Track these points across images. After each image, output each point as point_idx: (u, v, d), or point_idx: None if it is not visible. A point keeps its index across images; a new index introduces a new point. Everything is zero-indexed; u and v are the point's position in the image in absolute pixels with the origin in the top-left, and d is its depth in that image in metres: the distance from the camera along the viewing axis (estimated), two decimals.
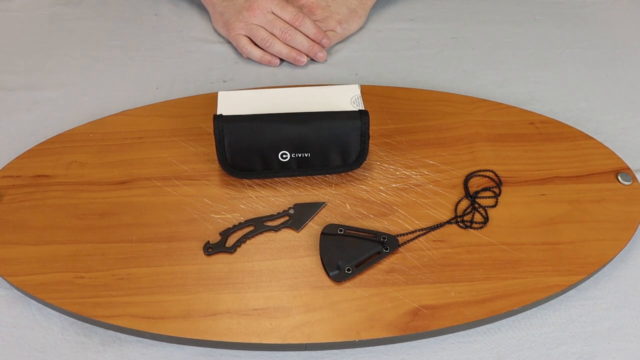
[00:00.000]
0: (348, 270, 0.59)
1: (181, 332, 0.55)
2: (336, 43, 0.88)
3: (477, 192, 0.66)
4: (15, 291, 0.60)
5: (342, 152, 0.65)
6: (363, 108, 0.67)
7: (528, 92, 0.82)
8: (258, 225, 0.63)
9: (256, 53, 0.84)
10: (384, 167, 0.69)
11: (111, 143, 0.70)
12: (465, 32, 0.91)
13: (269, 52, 0.84)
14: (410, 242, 0.62)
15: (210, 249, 0.61)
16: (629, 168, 0.69)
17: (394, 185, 0.67)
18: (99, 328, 0.57)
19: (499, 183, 0.67)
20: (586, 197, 0.66)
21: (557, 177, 0.68)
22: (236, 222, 0.63)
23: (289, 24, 0.83)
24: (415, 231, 0.63)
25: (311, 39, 0.84)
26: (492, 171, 0.68)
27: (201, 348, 0.56)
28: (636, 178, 0.68)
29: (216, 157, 0.66)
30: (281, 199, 0.66)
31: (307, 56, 0.84)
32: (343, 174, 0.68)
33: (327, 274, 0.59)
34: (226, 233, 0.62)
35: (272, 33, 0.83)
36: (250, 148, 0.64)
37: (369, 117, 0.64)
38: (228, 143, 0.64)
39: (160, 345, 0.57)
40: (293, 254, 0.61)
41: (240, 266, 0.60)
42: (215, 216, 0.64)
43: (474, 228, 0.63)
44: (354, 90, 0.69)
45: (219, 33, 0.89)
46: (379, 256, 0.60)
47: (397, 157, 0.70)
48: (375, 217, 0.64)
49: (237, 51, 0.86)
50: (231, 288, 0.58)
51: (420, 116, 0.74)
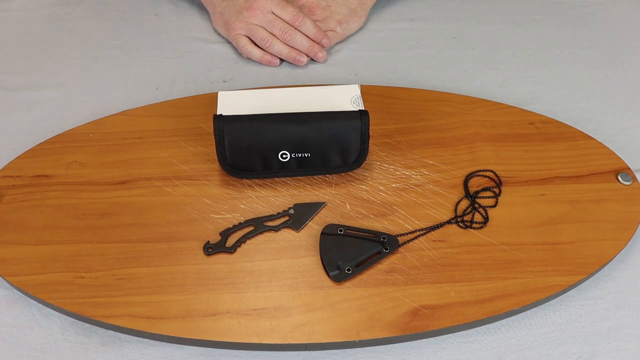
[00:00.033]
0: (348, 270, 0.59)
1: (181, 332, 0.55)
2: (336, 43, 0.88)
3: (477, 192, 0.66)
4: (15, 291, 0.60)
5: (342, 152, 0.65)
6: (363, 108, 0.67)
7: (528, 92, 0.82)
8: (258, 225, 0.63)
9: (256, 53, 0.84)
10: (384, 167, 0.69)
11: (111, 143, 0.70)
12: (465, 32, 0.91)
13: (269, 52, 0.84)
14: (410, 242, 0.62)
15: (210, 249, 0.61)
16: (629, 168, 0.69)
17: (394, 185, 0.67)
18: (99, 328, 0.57)
19: (499, 183, 0.67)
20: (586, 197, 0.66)
21: (557, 177, 0.68)
22: (236, 222, 0.63)
23: (289, 24, 0.83)
24: (415, 231, 0.63)
25: (311, 39, 0.84)
26: (492, 171, 0.68)
27: (201, 348, 0.56)
28: (636, 178, 0.68)
29: (216, 157, 0.66)
30: (281, 199, 0.66)
31: (307, 56, 0.84)
32: (343, 174, 0.68)
33: (327, 274, 0.59)
34: (226, 233, 0.62)
35: (272, 33, 0.83)
36: (250, 148, 0.64)
37: (369, 117, 0.64)
38: (228, 143, 0.64)
39: (160, 345, 0.57)
40: (293, 254, 0.61)
41: (240, 266, 0.60)
42: (215, 216, 0.64)
43: (474, 228, 0.63)
44: (354, 90, 0.69)
45: (219, 33, 0.89)
46: (379, 256, 0.60)
47: (397, 157, 0.70)
48: (375, 217, 0.64)
49: (237, 51, 0.86)
50: (231, 288, 0.58)
51: (420, 116, 0.74)
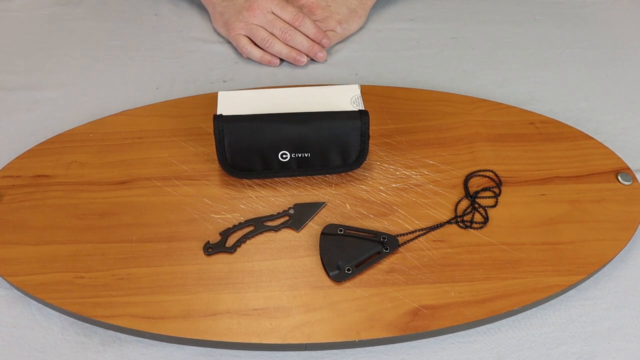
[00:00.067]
0: (348, 270, 0.59)
1: (181, 332, 0.55)
2: (336, 43, 0.88)
3: (477, 192, 0.66)
4: (15, 291, 0.60)
5: (342, 152, 0.65)
6: (363, 108, 0.67)
7: (528, 92, 0.82)
8: (258, 225, 0.63)
9: (256, 53, 0.84)
10: (384, 167, 0.69)
11: (111, 143, 0.70)
12: (465, 32, 0.91)
13: (269, 52, 0.84)
14: (410, 242, 0.62)
15: (210, 249, 0.61)
16: (629, 168, 0.69)
17: (394, 185, 0.67)
18: (99, 328, 0.57)
19: (499, 183, 0.67)
20: (586, 197, 0.66)
21: (557, 177, 0.68)
22: (236, 222, 0.63)
23: (289, 24, 0.83)
24: (415, 231, 0.63)
25: (311, 39, 0.84)
26: (492, 171, 0.68)
27: (201, 348, 0.56)
28: (636, 178, 0.68)
29: (216, 157, 0.66)
30: (281, 199, 0.66)
31: (307, 56, 0.84)
32: (343, 174, 0.68)
33: (327, 274, 0.59)
34: (226, 233, 0.62)
35: (272, 33, 0.83)
36: (250, 148, 0.64)
37: (369, 117, 0.64)
38: (228, 143, 0.64)
39: (160, 345, 0.57)
40: (293, 254, 0.61)
41: (240, 266, 0.60)
42: (215, 216, 0.64)
43: (474, 228, 0.63)
44: (354, 90, 0.69)
45: (219, 33, 0.89)
46: (379, 256, 0.60)
47: (397, 157, 0.70)
48: (375, 217, 0.64)
49: (237, 51, 0.86)
50: (231, 288, 0.58)
51: (420, 116, 0.74)
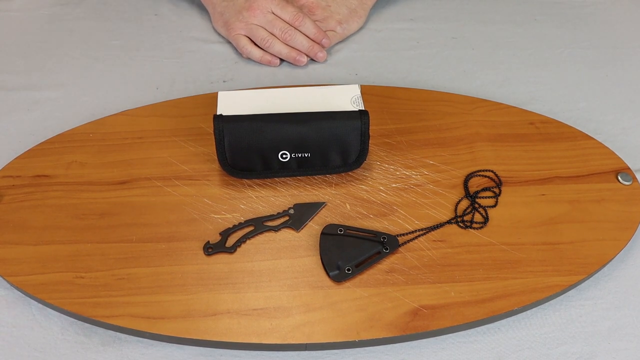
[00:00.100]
0: (348, 270, 0.59)
1: (181, 332, 0.55)
2: (336, 43, 0.88)
3: (477, 192, 0.66)
4: (15, 291, 0.60)
5: (342, 152, 0.65)
6: (363, 108, 0.67)
7: (528, 92, 0.82)
8: (258, 225, 0.63)
9: (256, 53, 0.84)
10: (384, 167, 0.69)
11: (111, 143, 0.70)
12: (465, 32, 0.91)
13: (269, 52, 0.84)
14: (410, 242, 0.62)
15: (210, 249, 0.61)
16: (629, 168, 0.69)
17: (394, 185, 0.67)
18: (99, 328, 0.57)
19: (499, 183, 0.67)
20: (586, 197, 0.66)
21: (557, 177, 0.68)
22: (236, 222, 0.63)
23: (289, 24, 0.83)
24: (415, 231, 0.63)
25: (311, 39, 0.84)
26: (492, 171, 0.68)
27: (201, 348, 0.56)
28: (636, 178, 0.68)
29: (216, 157, 0.66)
30: (281, 199, 0.66)
31: (307, 56, 0.84)
32: (343, 174, 0.68)
33: (327, 274, 0.59)
34: (226, 233, 0.62)
35: (272, 33, 0.83)
36: (250, 148, 0.64)
37: (369, 117, 0.64)
38: (228, 143, 0.64)
39: (160, 345, 0.57)
40: (293, 254, 0.61)
41: (240, 266, 0.60)
42: (215, 216, 0.64)
43: (474, 228, 0.63)
44: (354, 90, 0.69)
45: (219, 33, 0.89)
46: (379, 256, 0.60)
47: (397, 157, 0.70)
48: (375, 217, 0.64)
49: (237, 51, 0.86)
50: (231, 288, 0.58)
51: (420, 116, 0.74)
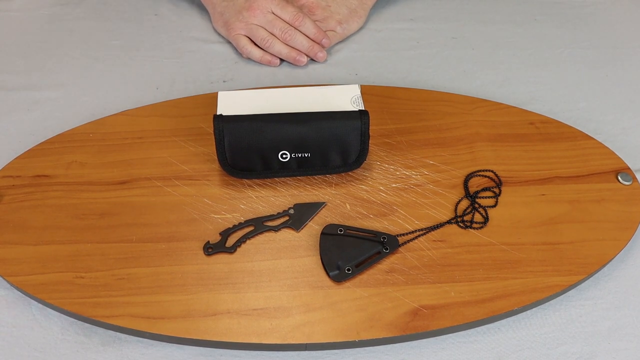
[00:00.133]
0: (348, 270, 0.59)
1: (181, 332, 0.55)
2: (336, 43, 0.88)
3: (477, 192, 0.66)
4: (15, 291, 0.60)
5: (342, 152, 0.65)
6: (363, 108, 0.67)
7: (528, 92, 0.82)
8: (258, 225, 0.63)
9: (256, 53, 0.84)
10: (384, 167, 0.69)
11: (111, 143, 0.70)
12: (465, 32, 0.91)
13: (269, 52, 0.84)
14: (410, 242, 0.62)
15: (210, 249, 0.61)
16: (629, 168, 0.69)
17: (394, 185, 0.67)
18: (99, 328, 0.57)
19: (499, 183, 0.67)
20: (586, 197, 0.66)
21: (557, 177, 0.68)
22: (236, 222, 0.63)
23: (289, 24, 0.83)
24: (415, 231, 0.63)
25: (311, 39, 0.84)
26: (492, 171, 0.68)
27: (201, 348, 0.56)
28: (636, 178, 0.68)
29: (216, 157, 0.66)
30: (281, 199, 0.66)
31: (307, 56, 0.84)
32: (343, 174, 0.68)
33: (327, 274, 0.59)
34: (226, 233, 0.62)
35: (272, 33, 0.83)
36: (250, 148, 0.64)
37: (369, 117, 0.64)
38: (228, 143, 0.64)
39: (160, 345, 0.57)
40: (293, 254, 0.61)
41: (240, 266, 0.60)
42: (215, 216, 0.64)
43: (474, 228, 0.63)
44: (354, 90, 0.69)
45: (219, 33, 0.89)
46: (379, 256, 0.60)
47: (397, 157, 0.70)
48: (375, 217, 0.64)
49: (237, 51, 0.86)
50: (231, 288, 0.58)
51: (420, 116, 0.74)
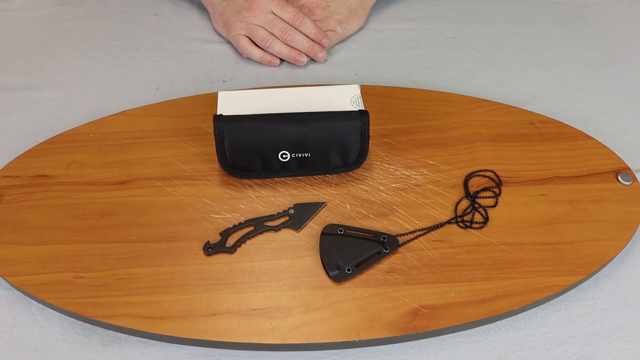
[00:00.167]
0: (348, 270, 0.59)
1: (181, 332, 0.55)
2: (336, 43, 0.88)
3: (477, 192, 0.66)
4: (15, 291, 0.60)
5: (342, 152, 0.65)
6: (363, 108, 0.67)
7: (528, 92, 0.82)
8: (258, 225, 0.63)
9: (256, 53, 0.84)
10: (384, 167, 0.69)
11: (111, 143, 0.70)
12: (465, 32, 0.91)
13: (269, 52, 0.84)
14: (410, 242, 0.62)
15: (210, 249, 0.61)
16: (629, 168, 0.69)
17: (394, 185, 0.67)
18: (99, 328, 0.57)
19: (499, 183, 0.67)
20: (586, 197, 0.66)
21: (557, 177, 0.68)
22: (236, 222, 0.63)
23: (289, 24, 0.83)
24: (415, 231, 0.63)
25: (311, 39, 0.84)
26: (492, 171, 0.68)
27: (201, 348, 0.56)
28: (636, 178, 0.68)
29: (216, 157, 0.66)
30: (281, 199, 0.66)
31: (307, 56, 0.84)
32: (343, 174, 0.68)
33: (327, 274, 0.59)
34: (226, 233, 0.62)
35: (272, 33, 0.83)
36: (250, 148, 0.64)
37: (369, 117, 0.64)
38: (228, 143, 0.64)
39: (160, 345, 0.57)
40: (293, 254, 0.61)
41: (240, 266, 0.60)
42: (215, 216, 0.64)
43: (474, 228, 0.63)
44: (354, 90, 0.69)
45: (219, 33, 0.89)
46: (379, 256, 0.60)
47: (397, 157, 0.70)
48: (375, 217, 0.64)
49: (237, 51, 0.86)
50: (231, 288, 0.58)
51: (420, 116, 0.74)
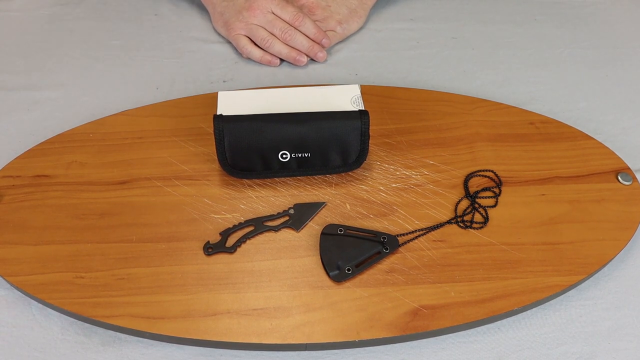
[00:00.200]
0: (348, 270, 0.59)
1: (181, 332, 0.55)
2: (336, 43, 0.88)
3: (477, 192, 0.66)
4: (15, 291, 0.60)
5: (342, 152, 0.65)
6: (363, 108, 0.67)
7: (528, 92, 0.82)
8: (258, 225, 0.63)
9: (256, 53, 0.84)
10: (384, 167, 0.69)
11: (111, 143, 0.70)
12: (465, 32, 0.91)
13: (269, 52, 0.84)
14: (410, 242, 0.62)
15: (210, 249, 0.61)
16: (629, 168, 0.69)
17: (394, 185, 0.67)
18: (99, 328, 0.57)
19: (499, 183, 0.67)
20: (586, 197, 0.66)
21: (557, 177, 0.68)
22: (236, 222, 0.63)
23: (289, 24, 0.83)
24: (415, 231, 0.63)
25: (311, 39, 0.84)
26: (492, 171, 0.68)
27: (201, 348, 0.56)
28: (636, 178, 0.68)
29: (216, 157, 0.66)
30: (281, 199, 0.66)
31: (307, 56, 0.84)
32: (343, 174, 0.68)
33: (327, 274, 0.59)
34: (226, 233, 0.62)
35: (272, 33, 0.83)
36: (250, 148, 0.64)
37: (369, 117, 0.64)
38: (228, 143, 0.64)
39: (160, 345, 0.57)
40: (293, 254, 0.61)
41: (240, 266, 0.60)
42: (215, 216, 0.64)
43: (474, 228, 0.63)
44: (354, 90, 0.69)
45: (219, 33, 0.89)
46: (379, 256, 0.60)
47: (397, 157, 0.70)
48: (375, 217, 0.64)
49: (237, 51, 0.86)
50: (231, 288, 0.58)
51: (420, 116, 0.74)
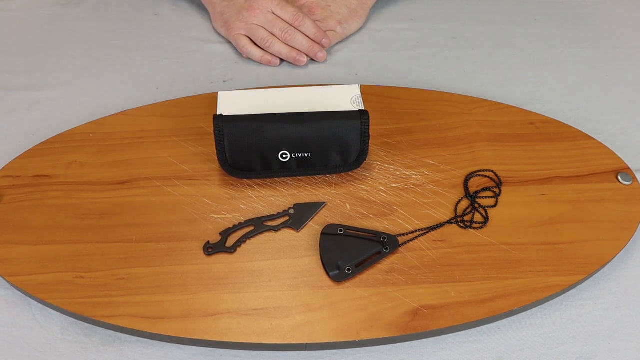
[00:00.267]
0: (348, 270, 0.59)
1: (181, 332, 0.55)
2: (336, 43, 0.88)
3: (477, 192, 0.66)
4: (15, 291, 0.60)
5: (342, 152, 0.65)
6: (363, 108, 0.67)
7: (528, 92, 0.82)
8: (258, 225, 0.63)
9: (256, 53, 0.84)
10: (384, 167, 0.69)
11: (111, 143, 0.70)
12: (465, 32, 0.91)
13: (269, 52, 0.84)
14: (410, 242, 0.62)
15: (210, 249, 0.61)
16: (629, 168, 0.69)
17: (394, 185, 0.67)
18: (99, 328, 0.57)
19: (499, 183, 0.67)
20: (586, 197, 0.66)
21: (557, 177, 0.68)
22: (236, 222, 0.63)
23: (289, 24, 0.83)
24: (415, 231, 0.63)
25: (311, 39, 0.84)
26: (492, 171, 0.68)
27: (201, 348, 0.56)
28: (636, 178, 0.68)
29: (216, 157, 0.66)
30: (281, 199, 0.66)
31: (307, 56, 0.84)
32: (343, 174, 0.68)
33: (327, 274, 0.59)
34: (226, 233, 0.62)
35: (272, 33, 0.83)
36: (250, 148, 0.64)
37: (369, 117, 0.64)
38: (228, 143, 0.64)
39: (160, 345, 0.57)
40: (293, 254, 0.61)
41: (240, 266, 0.60)
42: (215, 216, 0.64)
43: (474, 228, 0.63)
44: (354, 90, 0.69)
45: (219, 33, 0.89)
46: (379, 256, 0.60)
47: (397, 157, 0.70)
48: (375, 217, 0.64)
49: (237, 51, 0.86)
50: (231, 288, 0.58)
51: (420, 116, 0.74)
